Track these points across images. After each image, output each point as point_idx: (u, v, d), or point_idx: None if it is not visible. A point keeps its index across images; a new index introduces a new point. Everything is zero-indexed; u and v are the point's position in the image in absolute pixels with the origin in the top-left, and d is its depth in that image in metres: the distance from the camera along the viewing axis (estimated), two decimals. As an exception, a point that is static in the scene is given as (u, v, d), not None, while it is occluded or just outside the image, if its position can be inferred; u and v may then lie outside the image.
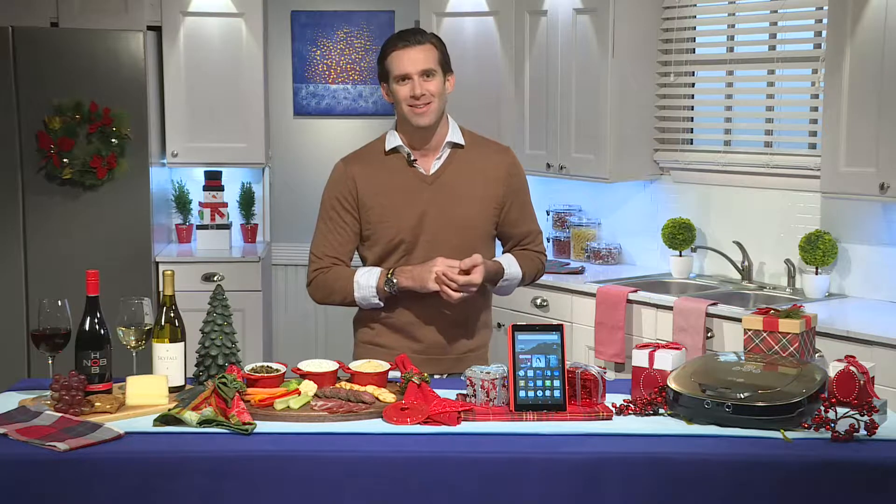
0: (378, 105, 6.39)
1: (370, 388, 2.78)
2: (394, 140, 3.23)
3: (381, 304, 3.19)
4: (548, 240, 5.72)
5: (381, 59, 3.19)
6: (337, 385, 2.82)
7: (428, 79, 3.14)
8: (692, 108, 5.39)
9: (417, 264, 3.14)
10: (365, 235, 3.25)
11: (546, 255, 3.42)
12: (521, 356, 2.67)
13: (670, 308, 4.60)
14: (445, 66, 3.19)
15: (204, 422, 2.56)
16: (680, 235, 5.17)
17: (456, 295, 3.07)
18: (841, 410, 2.56)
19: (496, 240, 3.37)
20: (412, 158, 3.22)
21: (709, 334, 4.46)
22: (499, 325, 4.99)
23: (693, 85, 5.39)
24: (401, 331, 3.24)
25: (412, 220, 3.18)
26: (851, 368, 2.65)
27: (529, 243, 3.35)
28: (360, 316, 3.33)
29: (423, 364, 3.14)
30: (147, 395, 2.71)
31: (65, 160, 5.37)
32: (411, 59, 3.13)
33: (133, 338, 2.85)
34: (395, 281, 3.13)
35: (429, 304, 3.19)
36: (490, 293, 3.38)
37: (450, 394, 2.79)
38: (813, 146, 4.81)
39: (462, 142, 3.25)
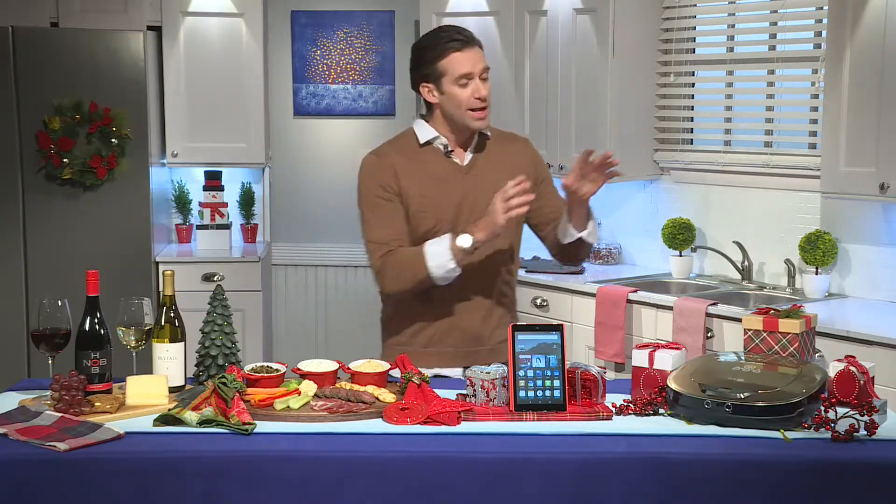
0: (378, 105, 6.39)
1: (370, 388, 2.78)
2: (428, 132, 3.22)
3: (458, 270, 3.09)
4: (548, 240, 5.72)
5: (432, 60, 3.16)
6: (337, 385, 2.82)
7: (485, 81, 3.15)
8: (692, 108, 5.39)
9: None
10: None
11: None
12: (521, 356, 2.67)
13: (670, 308, 4.60)
14: None
15: (204, 422, 2.56)
16: (680, 235, 5.17)
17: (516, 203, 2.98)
18: (841, 410, 2.56)
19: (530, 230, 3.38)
20: (449, 149, 3.22)
21: (709, 334, 4.46)
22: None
23: (693, 85, 5.39)
24: (433, 326, 3.22)
25: (450, 209, 3.17)
26: (851, 368, 2.65)
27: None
28: (390, 315, 3.31)
29: (462, 357, 3.15)
30: (147, 395, 2.71)
31: (65, 160, 5.37)
32: (472, 60, 3.13)
33: (133, 338, 2.85)
34: (469, 236, 3.04)
35: (461, 298, 3.18)
36: (515, 283, 3.37)
37: (450, 394, 2.79)
38: (813, 146, 4.81)
39: (488, 133, 3.27)
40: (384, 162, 3.20)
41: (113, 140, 5.41)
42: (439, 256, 3.07)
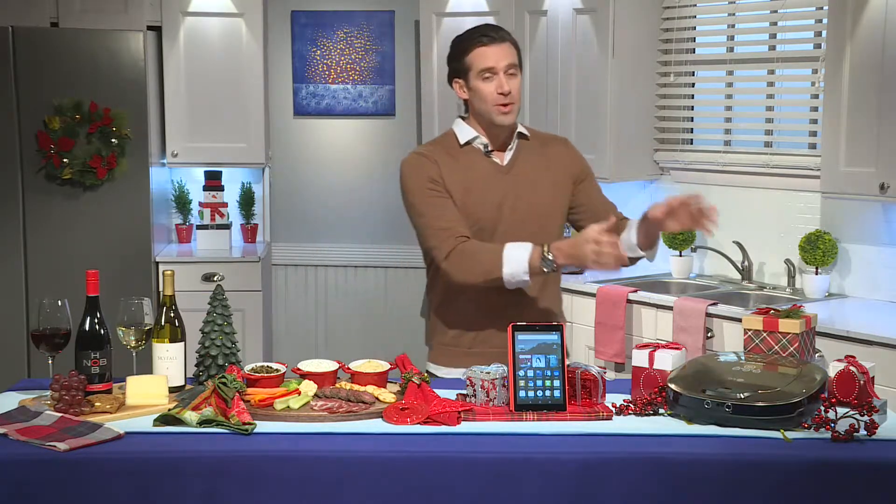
0: (378, 105, 6.39)
1: (370, 388, 2.78)
2: (468, 133, 3.21)
3: (530, 282, 3.05)
4: (548, 240, 5.72)
5: (460, 55, 3.16)
6: (337, 385, 2.82)
7: (512, 76, 3.13)
8: (692, 108, 5.39)
9: (569, 238, 3.01)
10: None
11: None
12: (521, 356, 2.67)
13: (670, 308, 4.60)
14: (521, 65, 3.20)
15: (204, 422, 2.56)
16: (680, 235, 5.17)
17: (613, 255, 2.88)
18: (841, 410, 2.56)
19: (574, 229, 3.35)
20: (489, 149, 3.21)
21: (709, 334, 4.46)
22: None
23: (693, 85, 5.39)
24: (477, 326, 3.19)
25: (491, 209, 3.16)
26: (851, 368, 2.65)
27: (622, 218, 3.29)
28: (433, 315, 3.29)
29: (507, 357, 3.12)
30: (147, 395, 2.71)
31: (65, 160, 5.37)
32: (497, 55, 3.12)
33: (133, 338, 2.85)
34: (552, 260, 2.97)
35: (508, 299, 3.14)
36: (559, 281, 3.35)
37: (450, 394, 2.79)
38: (813, 146, 4.81)
39: (527, 133, 3.26)
40: (428, 159, 3.18)
41: (113, 140, 5.41)
42: (516, 265, 3.00)
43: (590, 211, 3.29)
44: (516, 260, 3.00)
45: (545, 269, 2.99)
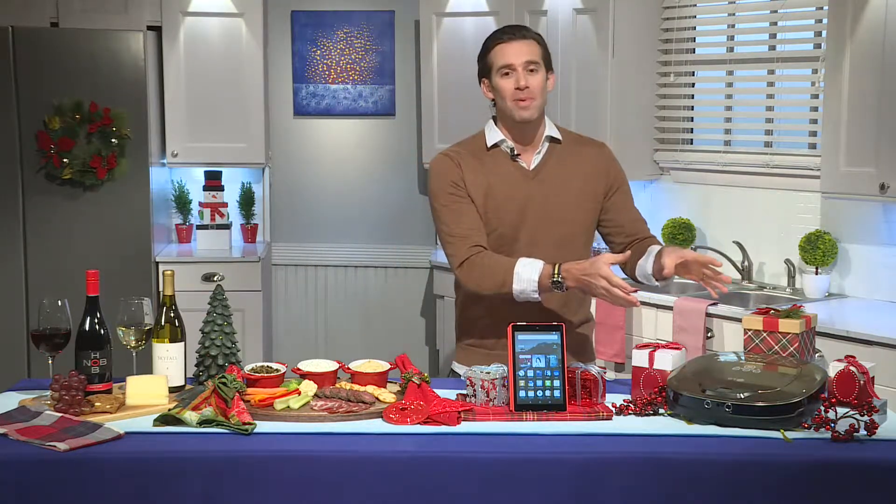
0: (378, 105, 6.39)
1: (370, 388, 2.78)
2: (495, 135, 3.19)
3: (539, 300, 3.04)
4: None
5: (483, 54, 3.16)
6: (337, 385, 2.82)
7: (532, 72, 3.10)
8: (692, 108, 5.39)
9: (582, 262, 2.97)
10: None
11: None
12: (521, 356, 2.67)
13: (670, 308, 4.60)
14: (547, 63, 3.16)
15: (204, 422, 2.56)
16: (680, 235, 5.17)
17: (629, 297, 2.88)
18: (841, 410, 2.56)
19: (600, 237, 3.33)
20: (515, 153, 3.19)
21: (709, 334, 4.46)
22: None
23: (693, 85, 5.39)
24: (502, 327, 3.07)
25: (514, 213, 3.14)
26: (851, 368, 2.65)
27: (648, 236, 3.26)
28: (460, 316, 3.27)
29: None
30: (147, 395, 2.71)
31: (65, 160, 5.37)
32: (515, 52, 3.10)
33: (133, 338, 2.85)
34: (562, 282, 2.95)
35: (529, 308, 3.09)
36: None
37: (450, 394, 2.79)
38: (813, 146, 4.82)
39: (559, 136, 3.22)
40: (453, 161, 3.16)
41: (113, 140, 5.41)
42: (526, 284, 2.99)
43: (618, 226, 3.26)
44: (526, 278, 2.98)
45: (555, 290, 2.97)
